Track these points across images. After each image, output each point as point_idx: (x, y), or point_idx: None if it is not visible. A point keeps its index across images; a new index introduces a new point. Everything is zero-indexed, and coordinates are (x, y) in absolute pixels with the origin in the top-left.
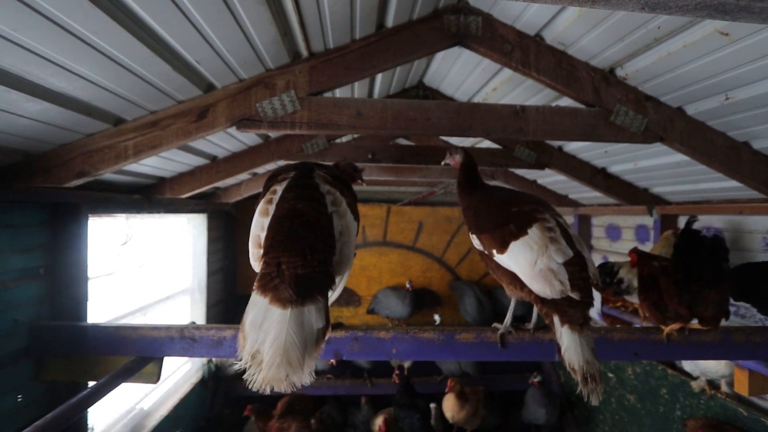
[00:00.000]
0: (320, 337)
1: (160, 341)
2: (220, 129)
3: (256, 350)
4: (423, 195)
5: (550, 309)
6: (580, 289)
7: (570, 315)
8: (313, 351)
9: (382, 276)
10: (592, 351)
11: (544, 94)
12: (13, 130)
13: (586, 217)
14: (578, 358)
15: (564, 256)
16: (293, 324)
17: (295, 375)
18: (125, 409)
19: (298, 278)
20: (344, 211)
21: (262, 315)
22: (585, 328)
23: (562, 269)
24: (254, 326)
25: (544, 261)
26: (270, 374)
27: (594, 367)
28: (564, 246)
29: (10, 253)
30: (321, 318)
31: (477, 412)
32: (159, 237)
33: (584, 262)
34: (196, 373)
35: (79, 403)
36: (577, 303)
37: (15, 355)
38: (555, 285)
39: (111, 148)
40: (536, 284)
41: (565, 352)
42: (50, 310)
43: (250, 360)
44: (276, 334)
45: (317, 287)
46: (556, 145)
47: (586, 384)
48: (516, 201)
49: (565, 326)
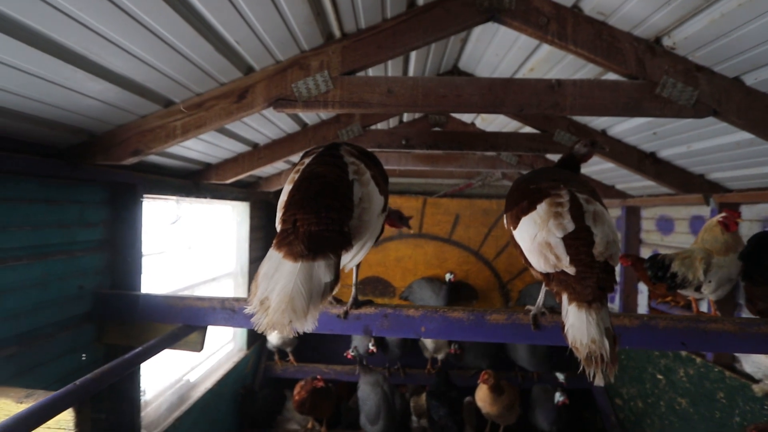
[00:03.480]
0: (327, 291)
1: (203, 311)
2: (258, 109)
3: (265, 297)
4: (460, 187)
5: (559, 286)
6: (579, 263)
7: (578, 292)
8: (318, 302)
9: (417, 268)
10: (601, 330)
11: (584, 72)
12: (79, 110)
13: (634, 209)
14: (582, 336)
15: (564, 230)
16: (302, 276)
17: (298, 321)
18: (174, 379)
19: (311, 235)
20: (366, 181)
21: (274, 267)
22: (594, 306)
23: (561, 243)
24: (266, 277)
25: (542, 234)
26: (275, 318)
27: (601, 347)
28: (567, 221)
29: (78, 226)
30: (330, 273)
31: (513, 407)
32: (206, 222)
33: (590, 237)
34: (237, 353)
35: (132, 359)
36: (584, 278)
37: (80, 319)
38: (549, 258)
39: (162, 128)
40: (533, 258)
41: (569, 330)
42: (110, 280)
43: (259, 305)
44: (284, 284)
45: (329, 245)
46: (600, 129)
47: (589, 364)
48: (543, 179)
49: (573, 304)
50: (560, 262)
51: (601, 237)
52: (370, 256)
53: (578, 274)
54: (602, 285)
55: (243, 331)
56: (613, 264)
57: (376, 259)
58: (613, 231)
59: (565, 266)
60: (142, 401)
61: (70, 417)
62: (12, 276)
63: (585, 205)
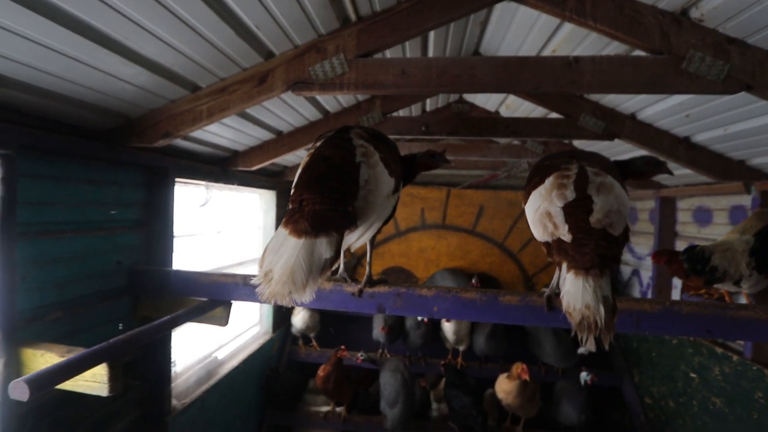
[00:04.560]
0: (326, 266)
1: (227, 286)
2: (277, 93)
3: (269, 269)
4: (485, 178)
5: (559, 255)
6: (576, 230)
7: (576, 259)
8: (318, 276)
9: (440, 259)
10: (597, 297)
11: (608, 51)
12: (115, 93)
13: (669, 200)
14: (576, 301)
15: (565, 199)
16: (303, 252)
17: (297, 293)
18: (203, 355)
19: (315, 213)
20: (374, 163)
21: (280, 243)
22: (592, 273)
23: (561, 212)
24: (272, 251)
25: (544, 205)
26: (276, 289)
27: (596, 313)
28: (569, 191)
29: (116, 206)
30: (330, 250)
31: (534, 399)
32: (235, 209)
33: (589, 206)
34: (263, 336)
35: (161, 325)
36: (582, 246)
37: (118, 292)
38: (548, 227)
39: (189, 112)
40: (535, 229)
41: (564, 296)
42: (144, 257)
43: (263, 277)
44: (287, 258)
45: (332, 223)
46: (629, 113)
47: (582, 330)
48: (561, 157)
49: (571, 272)
50: (557, 230)
51: (601, 205)
52: (393, 246)
53: (575, 241)
54: (601, 252)
55: (269, 314)
56: (613, 233)
57: (399, 250)
58: (620, 202)
59: (562, 234)
60: (173, 373)
61: (104, 371)
62: (58, 248)
63: (592, 176)
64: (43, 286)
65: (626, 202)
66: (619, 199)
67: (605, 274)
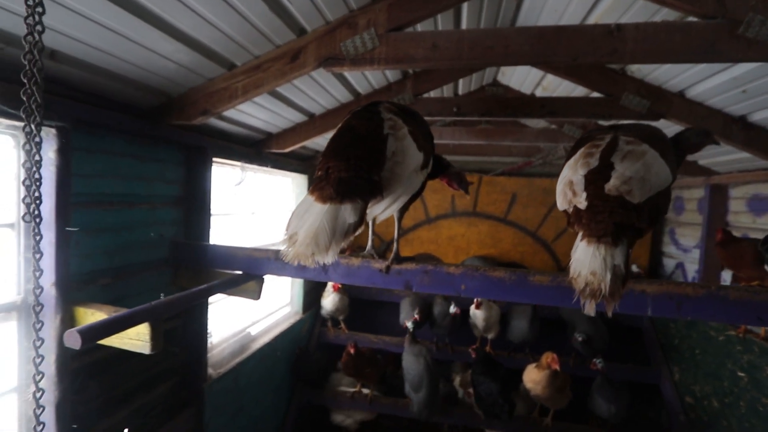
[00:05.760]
0: (350, 231)
1: (260, 261)
2: (309, 69)
3: (294, 233)
4: (518, 165)
5: (577, 224)
6: (591, 197)
7: (589, 227)
8: (341, 240)
9: (470, 247)
10: (606, 266)
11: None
12: (157, 70)
13: (721, 187)
14: (582, 267)
15: (587, 167)
16: (328, 216)
17: (320, 255)
18: (237, 330)
19: (340, 180)
20: (402, 136)
21: (305, 208)
22: (604, 241)
23: (582, 180)
24: (297, 216)
25: (569, 174)
26: (299, 250)
27: (602, 280)
28: (594, 159)
29: (159, 182)
30: (354, 215)
31: (564, 391)
32: (268, 192)
33: (607, 172)
34: (294, 316)
35: (198, 293)
36: (596, 213)
37: (160, 262)
38: (567, 195)
39: (225, 90)
40: (557, 199)
41: (572, 263)
42: (184, 231)
43: (288, 240)
44: (312, 222)
45: (357, 190)
46: (676, 90)
47: (584, 296)
48: (602, 129)
49: (584, 240)
50: (575, 197)
51: (621, 172)
52: (423, 233)
53: (589, 208)
54: (617, 221)
55: (299, 295)
56: (632, 200)
57: (428, 237)
58: (647, 169)
59: (579, 202)
60: (209, 343)
61: (147, 331)
62: (107, 218)
63: (622, 145)
64: (94, 253)
65: (659, 171)
66: (648, 167)
67: (620, 243)
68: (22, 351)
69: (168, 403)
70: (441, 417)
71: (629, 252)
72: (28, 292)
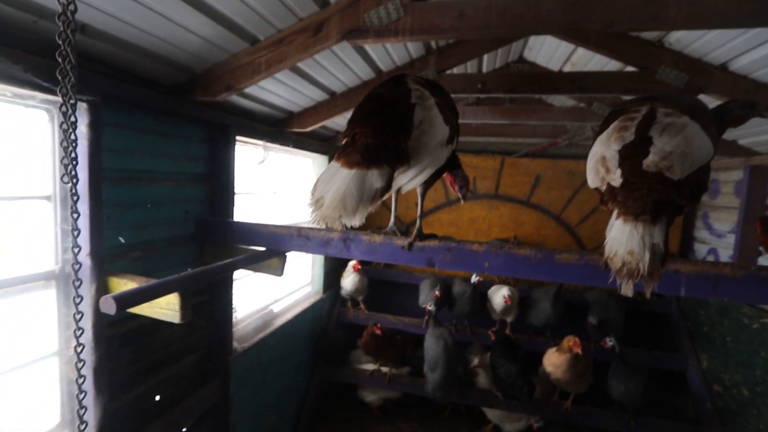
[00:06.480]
0: (377, 195)
1: (282, 237)
2: (332, 42)
3: (320, 196)
4: (543, 146)
5: (611, 203)
6: (626, 174)
7: (626, 205)
8: (368, 204)
9: (491, 230)
10: (644, 245)
11: None
12: (182, 45)
13: (761, 169)
14: (619, 247)
15: (622, 142)
16: (355, 181)
17: (347, 217)
18: (260, 306)
19: (367, 146)
20: (429, 106)
21: (331, 174)
22: (642, 219)
23: (615, 156)
24: (323, 181)
25: (601, 150)
26: (326, 213)
27: (640, 260)
28: (629, 133)
29: (184, 159)
30: (381, 181)
31: (585, 375)
32: (289, 172)
33: (645, 147)
34: (314, 295)
35: (223, 266)
36: (633, 190)
37: (186, 239)
38: (599, 172)
39: (249, 65)
40: (588, 176)
41: (608, 242)
42: (209, 209)
43: (314, 204)
44: (338, 186)
45: (384, 157)
46: (718, 63)
47: (620, 276)
48: (637, 100)
49: (620, 218)
50: (609, 174)
51: (660, 147)
52: (443, 215)
53: (625, 185)
54: (656, 198)
55: (320, 276)
56: (672, 176)
57: (448, 219)
58: (689, 143)
59: (612, 179)
60: (234, 318)
61: (176, 300)
62: (136, 193)
63: (660, 117)
64: (125, 227)
65: (701, 144)
66: (689, 141)
67: (659, 221)
68: (61, 317)
69: (196, 374)
70: (458, 398)
71: (668, 230)
72: (65, 262)
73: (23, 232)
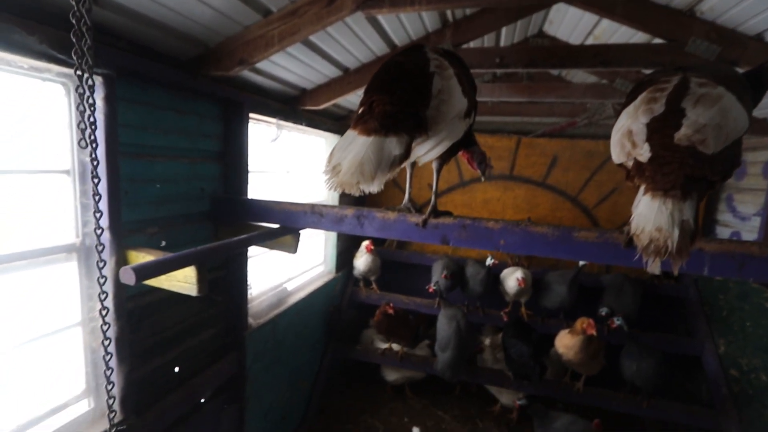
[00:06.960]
0: (395, 162)
1: (296, 214)
2: (346, 13)
3: (337, 163)
4: (561, 125)
5: (639, 178)
6: (656, 148)
7: (654, 180)
8: (387, 170)
9: (505, 211)
10: (674, 221)
11: None
12: (196, 17)
13: None
14: (646, 223)
15: (651, 114)
16: (373, 147)
17: (365, 183)
18: (274, 284)
19: (385, 114)
20: (448, 76)
21: (349, 141)
22: (671, 195)
23: (643, 129)
24: (340, 149)
25: (627, 123)
26: (344, 179)
27: (668, 237)
28: (659, 105)
29: (198, 136)
30: (400, 148)
31: (597, 357)
32: (302, 151)
33: (677, 119)
34: (327, 275)
35: (238, 242)
36: (662, 165)
37: (202, 216)
38: (625, 146)
39: (262, 38)
40: (612, 150)
41: (634, 218)
42: (223, 186)
43: (331, 171)
44: (356, 153)
45: (402, 124)
46: (753, 33)
47: (647, 253)
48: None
49: (648, 194)
50: (635, 148)
51: (694, 119)
52: (456, 196)
53: (654, 159)
54: (687, 173)
55: (333, 255)
56: (705, 151)
57: (462, 200)
58: (724, 116)
59: (639, 153)
60: (249, 295)
61: (193, 273)
62: (152, 169)
63: (694, 88)
64: (142, 202)
65: (737, 117)
66: (724, 113)
67: (690, 197)
68: (83, 289)
69: (213, 347)
70: (468, 377)
71: (698, 207)
72: (86, 235)
73: (43, 205)
